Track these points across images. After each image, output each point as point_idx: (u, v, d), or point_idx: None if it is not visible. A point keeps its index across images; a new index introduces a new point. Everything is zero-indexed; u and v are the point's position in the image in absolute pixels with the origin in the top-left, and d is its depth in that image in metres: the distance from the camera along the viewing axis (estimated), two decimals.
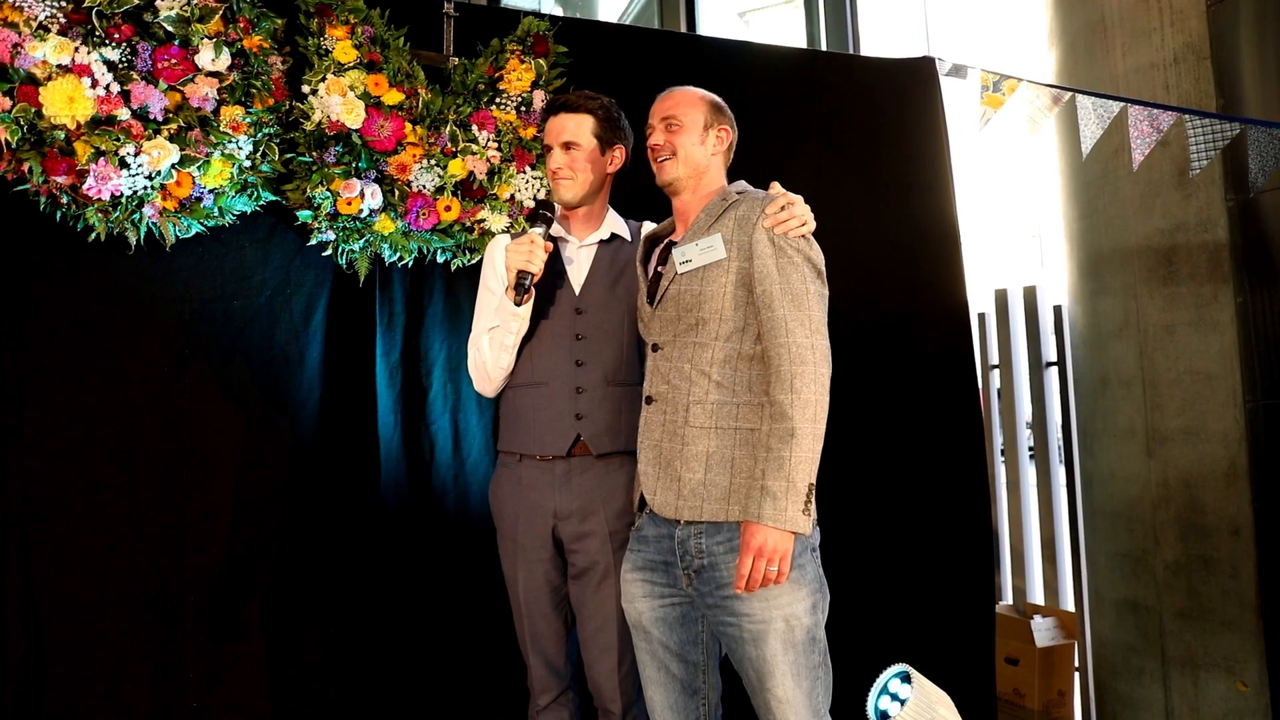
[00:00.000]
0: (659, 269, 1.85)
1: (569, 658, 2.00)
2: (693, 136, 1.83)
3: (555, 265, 1.98)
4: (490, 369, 1.96)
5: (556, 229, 2.00)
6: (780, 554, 1.58)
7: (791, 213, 1.73)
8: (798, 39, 4.76)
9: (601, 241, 2.03)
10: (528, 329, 1.94)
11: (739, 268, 1.71)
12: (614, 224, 2.05)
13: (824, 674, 1.69)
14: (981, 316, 3.78)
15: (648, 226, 2.07)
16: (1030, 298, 3.55)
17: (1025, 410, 3.61)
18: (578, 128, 1.96)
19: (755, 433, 1.68)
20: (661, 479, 1.71)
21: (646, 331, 1.85)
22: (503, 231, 2.23)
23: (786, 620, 1.62)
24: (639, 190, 2.14)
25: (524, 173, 2.29)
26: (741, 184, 1.86)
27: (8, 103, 1.85)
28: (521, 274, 1.83)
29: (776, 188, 1.81)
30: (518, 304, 1.84)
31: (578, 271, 2.00)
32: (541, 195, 2.28)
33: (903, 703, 2.18)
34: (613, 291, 1.98)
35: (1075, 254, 3.10)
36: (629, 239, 2.05)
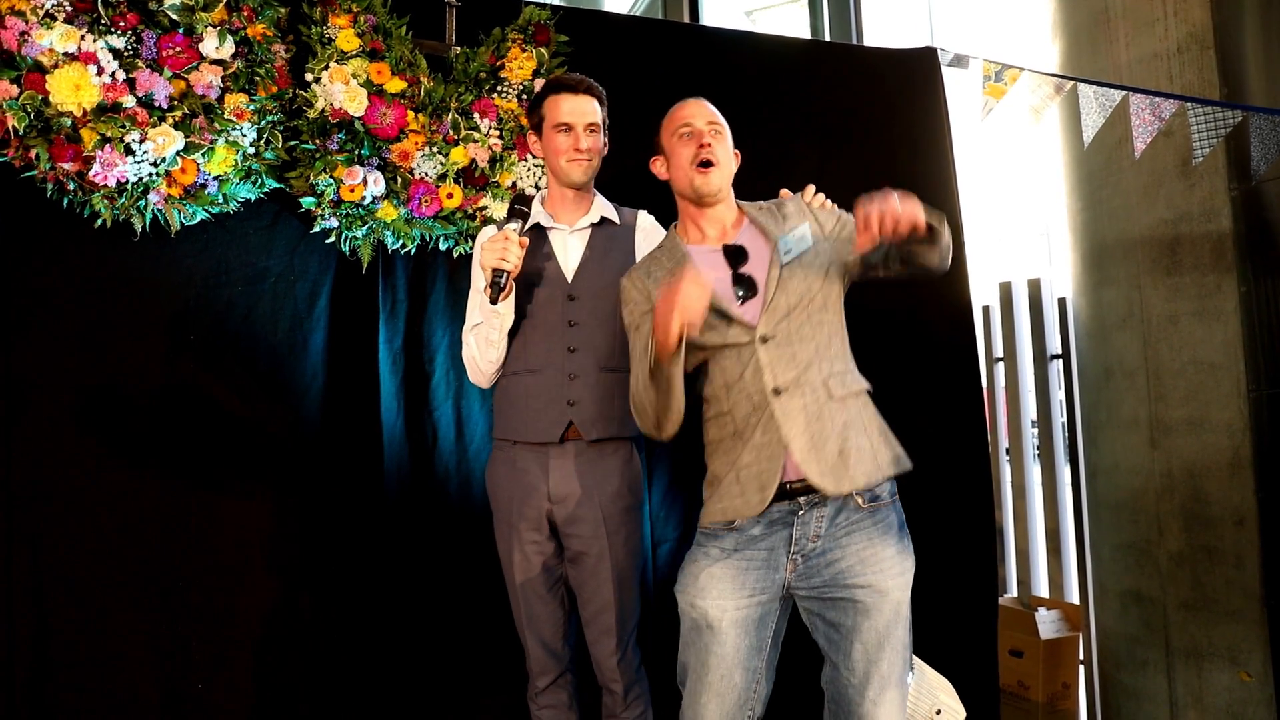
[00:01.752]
0: (742, 272, 1.78)
1: (567, 640, 2.01)
2: (729, 148, 1.87)
3: (540, 256, 1.97)
4: (480, 363, 1.97)
5: (545, 218, 2.00)
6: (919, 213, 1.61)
7: (820, 196, 1.93)
8: (804, 36, 4.76)
9: (593, 225, 2.03)
10: (524, 316, 1.94)
11: (826, 248, 1.82)
12: (603, 207, 2.05)
13: (909, 653, 1.77)
14: (986, 310, 3.77)
15: (643, 216, 2.09)
16: (1035, 290, 3.54)
17: (1030, 403, 3.61)
18: (595, 111, 1.98)
19: (863, 394, 1.79)
20: (825, 459, 1.69)
21: (735, 334, 1.75)
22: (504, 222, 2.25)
23: (902, 590, 1.70)
24: (619, 175, 2.16)
25: (525, 160, 2.30)
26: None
27: (15, 90, 1.88)
28: (497, 272, 1.80)
29: (787, 193, 1.96)
30: (494, 302, 1.81)
31: (570, 258, 1.99)
32: (543, 183, 2.29)
33: None
34: (605, 276, 1.96)
35: (1079, 245, 3.09)
36: (619, 222, 2.05)
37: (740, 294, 1.76)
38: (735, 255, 1.81)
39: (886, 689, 1.69)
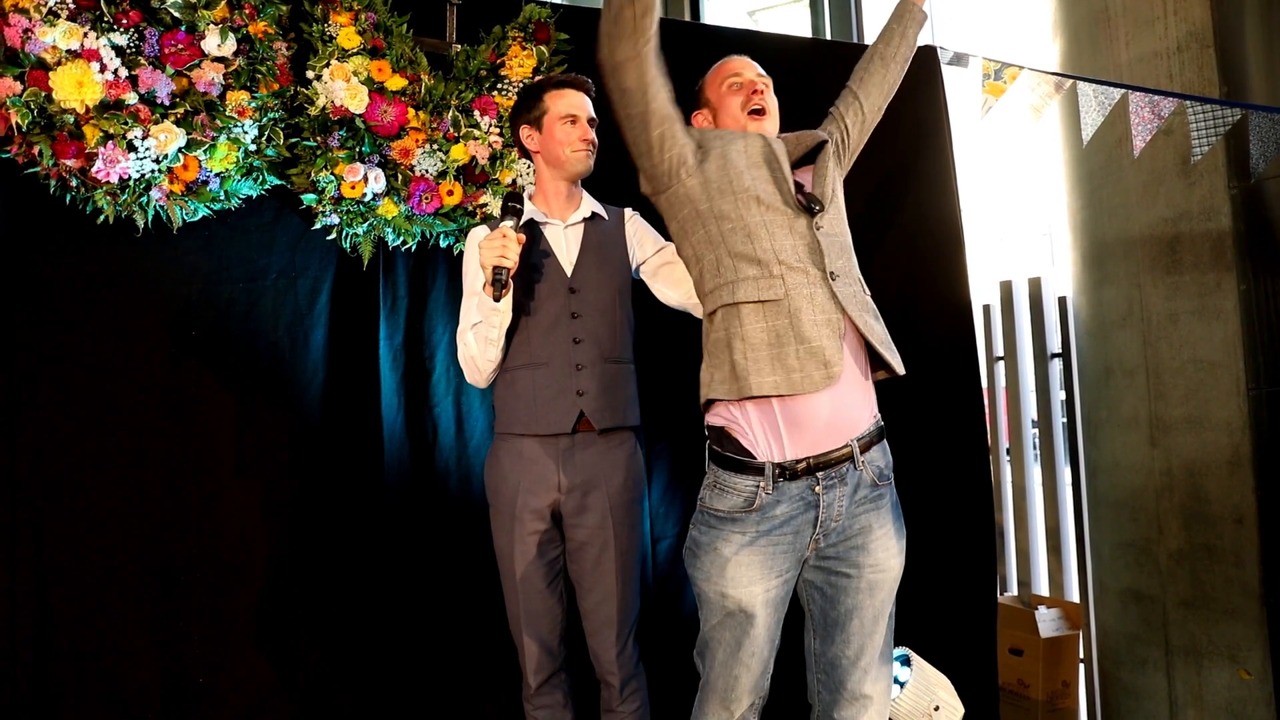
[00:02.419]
0: (800, 182, 1.86)
1: (563, 639, 2.01)
2: (775, 100, 1.95)
3: (536, 251, 1.98)
4: (479, 363, 1.96)
5: (538, 214, 2.02)
6: None
7: None
8: (805, 35, 4.76)
9: (585, 220, 2.05)
10: (524, 312, 1.95)
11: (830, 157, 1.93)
12: (591, 203, 2.07)
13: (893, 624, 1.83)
14: (986, 308, 3.77)
15: (630, 211, 2.11)
16: (1035, 289, 3.54)
17: (1030, 402, 3.61)
18: (592, 107, 2.02)
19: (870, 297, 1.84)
20: (878, 340, 1.76)
21: (788, 204, 1.78)
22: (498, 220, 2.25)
23: (900, 569, 1.76)
24: (620, 174, 2.16)
25: (525, 158, 2.30)
26: None
27: (18, 87, 1.89)
28: (498, 269, 1.81)
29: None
30: (496, 299, 1.82)
31: (567, 251, 2.01)
32: None
33: (902, 685, 2.19)
34: (603, 269, 2.00)
35: (1079, 244, 3.10)
36: (607, 218, 2.08)
37: (811, 206, 1.80)
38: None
39: (876, 661, 1.75)
